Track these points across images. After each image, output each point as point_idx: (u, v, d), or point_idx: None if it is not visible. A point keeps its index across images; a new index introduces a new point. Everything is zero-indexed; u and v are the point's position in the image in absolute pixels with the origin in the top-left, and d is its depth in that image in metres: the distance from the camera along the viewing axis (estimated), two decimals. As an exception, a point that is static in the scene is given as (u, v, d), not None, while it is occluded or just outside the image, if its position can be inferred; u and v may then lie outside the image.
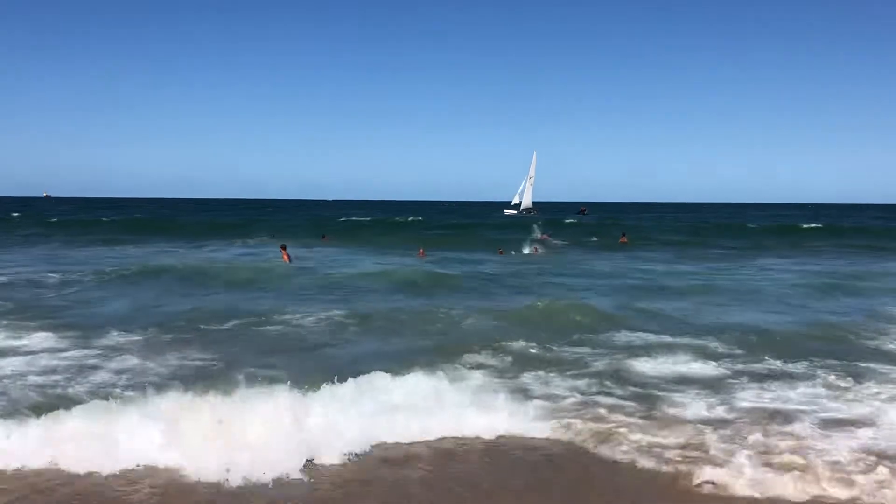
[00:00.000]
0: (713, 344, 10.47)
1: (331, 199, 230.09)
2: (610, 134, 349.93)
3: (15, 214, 63.60)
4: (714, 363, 9.36)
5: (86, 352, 9.66)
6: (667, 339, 10.84)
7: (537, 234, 38.08)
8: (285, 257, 21.21)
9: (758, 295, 16.37)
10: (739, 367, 9.23)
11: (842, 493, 5.55)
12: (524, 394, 7.90)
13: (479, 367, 9.12)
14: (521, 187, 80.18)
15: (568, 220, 60.62)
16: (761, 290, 17.22)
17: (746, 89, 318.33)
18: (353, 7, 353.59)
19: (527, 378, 8.57)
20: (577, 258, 27.49)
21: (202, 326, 11.64)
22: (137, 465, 6.00)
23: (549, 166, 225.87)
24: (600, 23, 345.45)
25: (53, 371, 8.61)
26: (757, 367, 9.24)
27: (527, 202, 78.94)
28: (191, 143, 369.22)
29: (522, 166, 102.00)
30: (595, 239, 39.43)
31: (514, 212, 78.26)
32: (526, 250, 30.97)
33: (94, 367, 8.84)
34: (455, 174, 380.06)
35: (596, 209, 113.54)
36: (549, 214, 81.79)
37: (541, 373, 8.77)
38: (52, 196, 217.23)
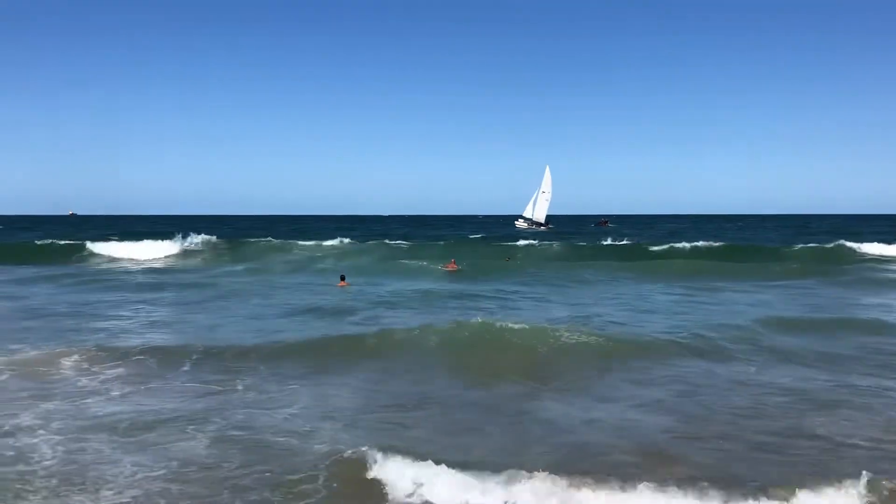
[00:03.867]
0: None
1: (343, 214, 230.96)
2: (631, 143, 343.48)
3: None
4: None
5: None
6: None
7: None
8: (343, 283, 23.36)
9: None
10: None
11: None
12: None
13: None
14: (533, 199, 78.53)
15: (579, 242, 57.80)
16: None
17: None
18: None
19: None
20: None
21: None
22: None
23: (567, 178, 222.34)
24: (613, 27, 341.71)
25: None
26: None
27: (539, 216, 77.38)
28: (208, 155, 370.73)
29: (536, 179, 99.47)
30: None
31: (526, 224, 77.25)
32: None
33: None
34: (466, 187, 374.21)
35: (616, 221, 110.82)
36: (569, 227, 79.46)
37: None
38: (78, 214, 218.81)
